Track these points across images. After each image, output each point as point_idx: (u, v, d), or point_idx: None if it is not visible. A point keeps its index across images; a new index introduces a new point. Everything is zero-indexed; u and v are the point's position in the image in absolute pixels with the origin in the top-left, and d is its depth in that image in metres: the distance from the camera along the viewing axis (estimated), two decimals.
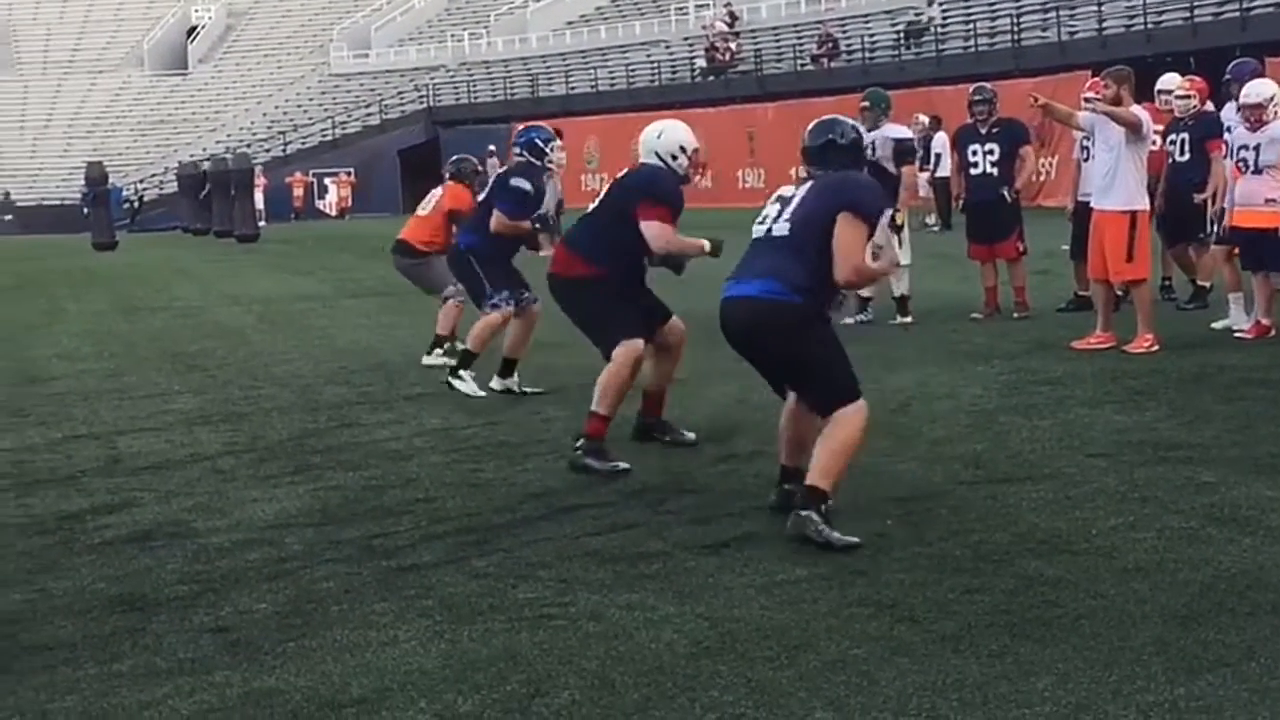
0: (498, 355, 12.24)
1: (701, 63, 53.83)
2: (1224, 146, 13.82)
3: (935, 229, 28.78)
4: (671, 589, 6.65)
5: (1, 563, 7.78)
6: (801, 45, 50.91)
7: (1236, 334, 13.14)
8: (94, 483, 9.66)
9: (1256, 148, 12.80)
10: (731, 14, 55.66)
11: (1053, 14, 41.90)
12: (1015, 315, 15.12)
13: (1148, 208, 12.83)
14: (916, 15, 47.16)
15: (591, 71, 58.83)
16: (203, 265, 32.74)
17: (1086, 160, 15.27)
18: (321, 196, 62.54)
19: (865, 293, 15.51)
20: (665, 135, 9.65)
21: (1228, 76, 14.20)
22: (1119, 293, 15.48)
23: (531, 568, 7.11)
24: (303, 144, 64.44)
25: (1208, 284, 15.08)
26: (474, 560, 7.30)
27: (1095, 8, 40.37)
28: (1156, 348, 12.36)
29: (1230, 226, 13.21)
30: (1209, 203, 14.51)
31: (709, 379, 12.36)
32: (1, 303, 24.84)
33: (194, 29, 79.35)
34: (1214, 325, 13.66)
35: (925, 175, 30.25)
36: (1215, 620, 5.85)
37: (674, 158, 9.55)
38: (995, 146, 15.44)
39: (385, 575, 7.14)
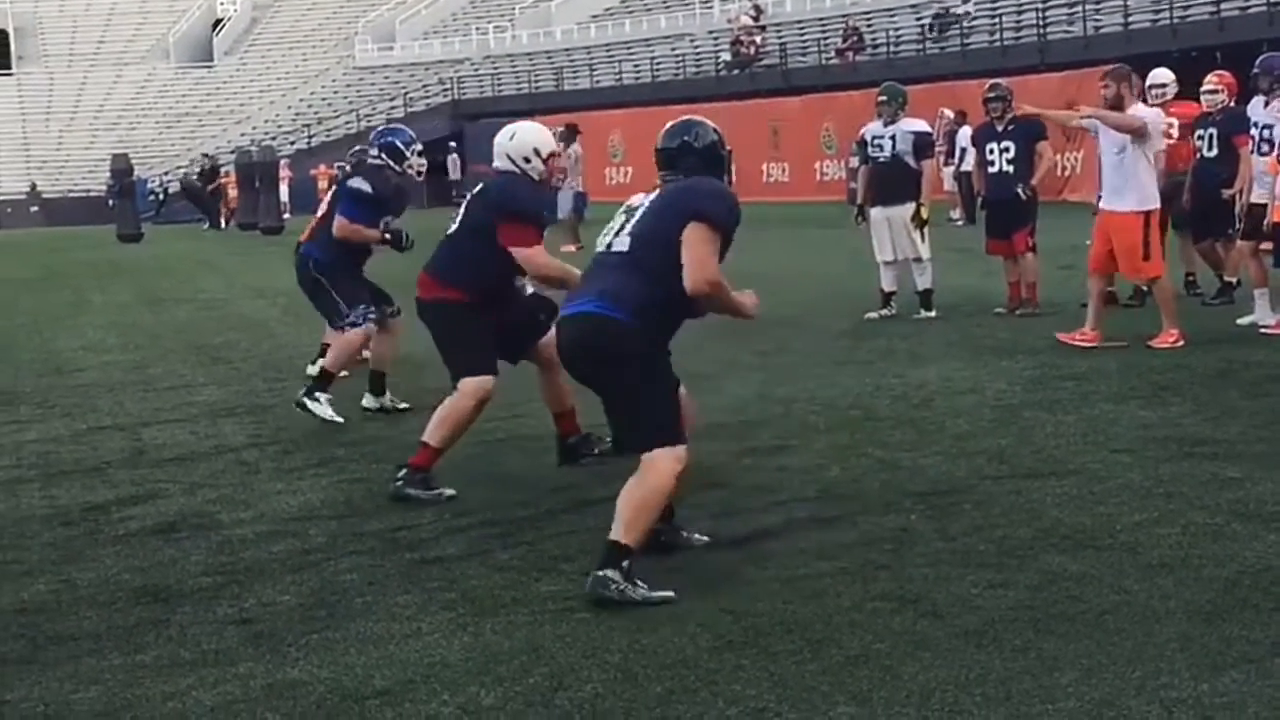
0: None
1: (726, 56, 53.78)
2: (1251, 141, 13.76)
3: (959, 223, 28.72)
4: (694, 583, 6.65)
5: (27, 553, 7.82)
6: (826, 39, 50.83)
7: (1262, 330, 13.10)
8: (119, 474, 9.69)
9: None
10: (756, 7, 55.60)
11: (1078, 8, 41.78)
12: (1019, 313, 15.05)
13: (1159, 206, 12.76)
14: (944, 9, 47.02)
15: (616, 65, 58.80)
16: (227, 257, 32.81)
17: None
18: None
19: (888, 287, 15.50)
20: (517, 138, 8.91)
21: (1256, 71, 14.14)
22: (1143, 289, 15.47)
23: (554, 561, 7.11)
24: (327, 137, 64.50)
25: (1234, 279, 15.02)
26: (497, 553, 7.31)
27: (1121, 3, 40.25)
28: (1182, 343, 12.32)
29: (1272, 222, 13.12)
30: (1236, 198, 14.46)
31: (729, 373, 12.36)
32: (28, 294, 24.93)
33: (219, 21, 79.55)
34: (1239, 321, 13.61)
35: (950, 169, 30.22)
36: (1239, 616, 5.83)
37: (527, 161, 8.82)
38: (1011, 144, 15.39)
39: (408, 568, 7.16)
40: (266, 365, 14.48)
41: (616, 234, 6.99)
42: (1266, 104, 13.59)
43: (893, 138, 15.32)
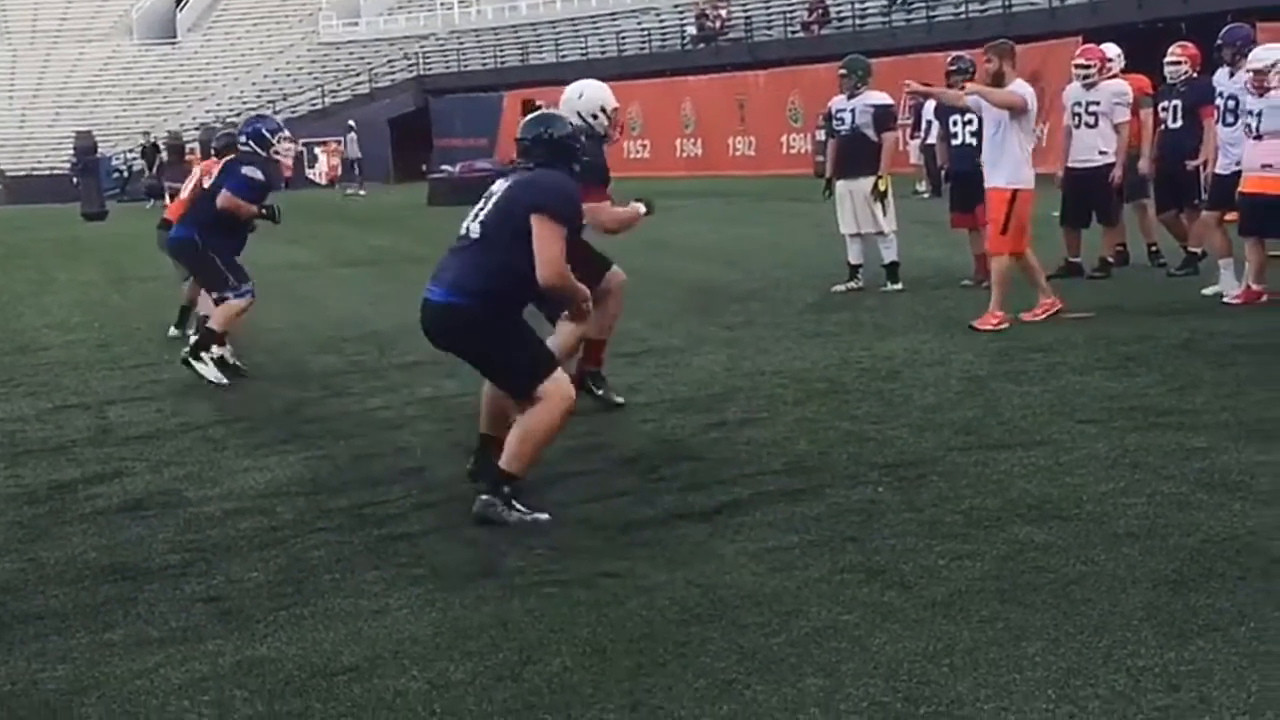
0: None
1: (692, 30, 53.70)
2: (1216, 112, 13.79)
3: (925, 195, 28.75)
4: (663, 556, 6.66)
5: None
6: (792, 12, 50.76)
7: (1226, 300, 13.14)
8: (85, 452, 9.66)
9: (1259, 114, 12.78)
10: None
11: None
12: (985, 285, 15.03)
13: (1031, 186, 12.69)
14: None
15: (582, 39, 58.66)
16: None
17: (1078, 127, 15.28)
18: (312, 165, 62.36)
19: (853, 259, 15.51)
20: (586, 95, 9.64)
21: (1219, 42, 14.17)
22: (1109, 260, 15.51)
23: (523, 536, 7.11)
24: (292, 113, 64.19)
25: (1198, 250, 15.07)
26: (465, 528, 7.30)
27: None
28: (1006, 325, 12.25)
29: (1240, 192, 13.15)
30: (1201, 169, 14.50)
31: (697, 347, 12.38)
32: None
33: None
34: (1204, 291, 13.66)
35: (916, 142, 30.24)
36: (1205, 585, 5.86)
37: (595, 117, 9.53)
38: (974, 116, 15.39)
39: (377, 544, 7.15)
40: (233, 342, 14.41)
41: (473, 219, 7.48)
42: (1232, 74, 13.62)
43: (853, 111, 15.35)
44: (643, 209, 9.59)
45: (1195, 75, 14.94)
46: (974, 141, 15.31)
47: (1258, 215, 12.90)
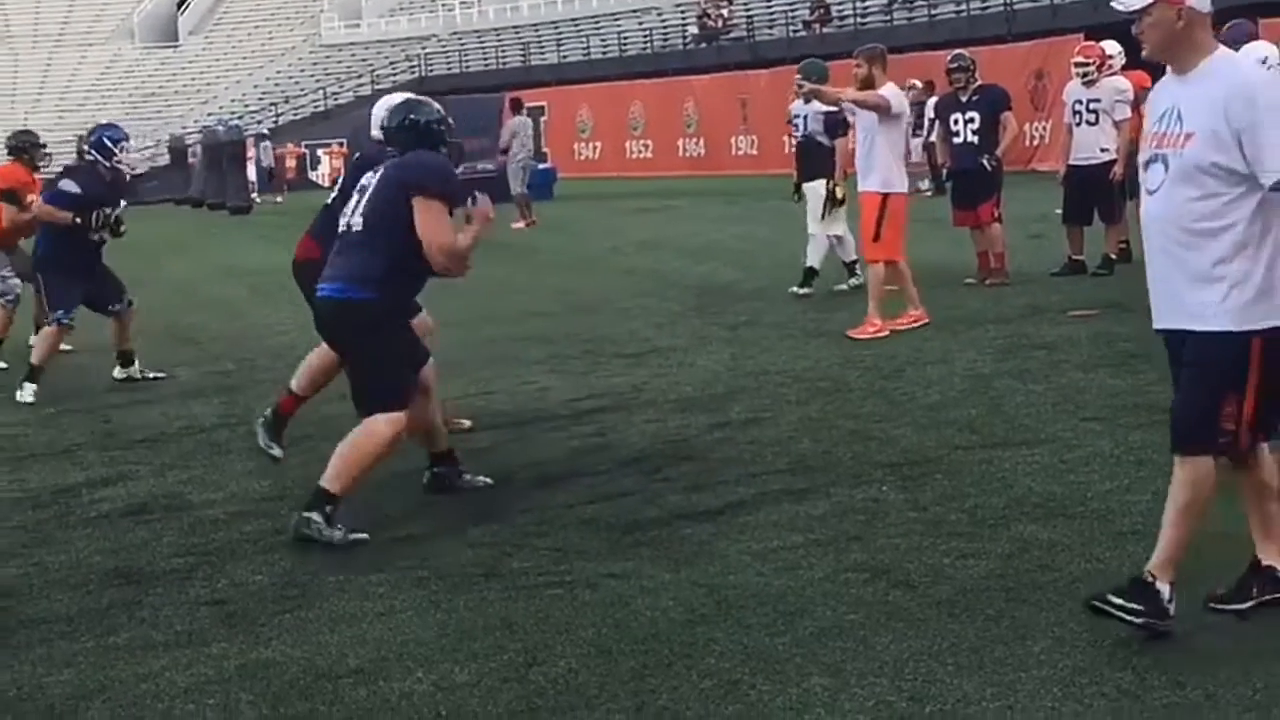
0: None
1: (693, 29, 53.68)
2: None
3: (928, 194, 28.74)
4: (667, 556, 6.66)
5: None
6: (793, 11, 50.74)
7: None
8: (89, 456, 9.66)
9: None
10: None
11: None
12: (989, 283, 15.03)
13: (904, 190, 12.62)
14: None
15: (583, 39, 58.63)
16: (195, 238, 32.69)
17: (1079, 125, 15.27)
18: (314, 167, 62.37)
19: (847, 258, 15.50)
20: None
21: (1222, 38, 14.13)
22: (1111, 256, 15.49)
23: (527, 537, 7.11)
24: (295, 115, 64.24)
25: None
26: (469, 530, 7.31)
27: None
28: (885, 333, 12.19)
29: None
30: None
31: (700, 346, 12.38)
32: None
33: (184, 1, 79.08)
34: None
35: (918, 140, 30.23)
36: (1210, 582, 5.84)
37: None
38: (975, 115, 15.38)
39: (380, 546, 7.15)
40: (235, 345, 14.43)
41: (352, 213, 7.54)
42: None
43: (805, 117, 15.41)
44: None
45: None
46: (975, 140, 15.33)
47: None
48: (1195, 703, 4.79)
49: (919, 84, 31.73)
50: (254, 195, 44.83)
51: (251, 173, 46.91)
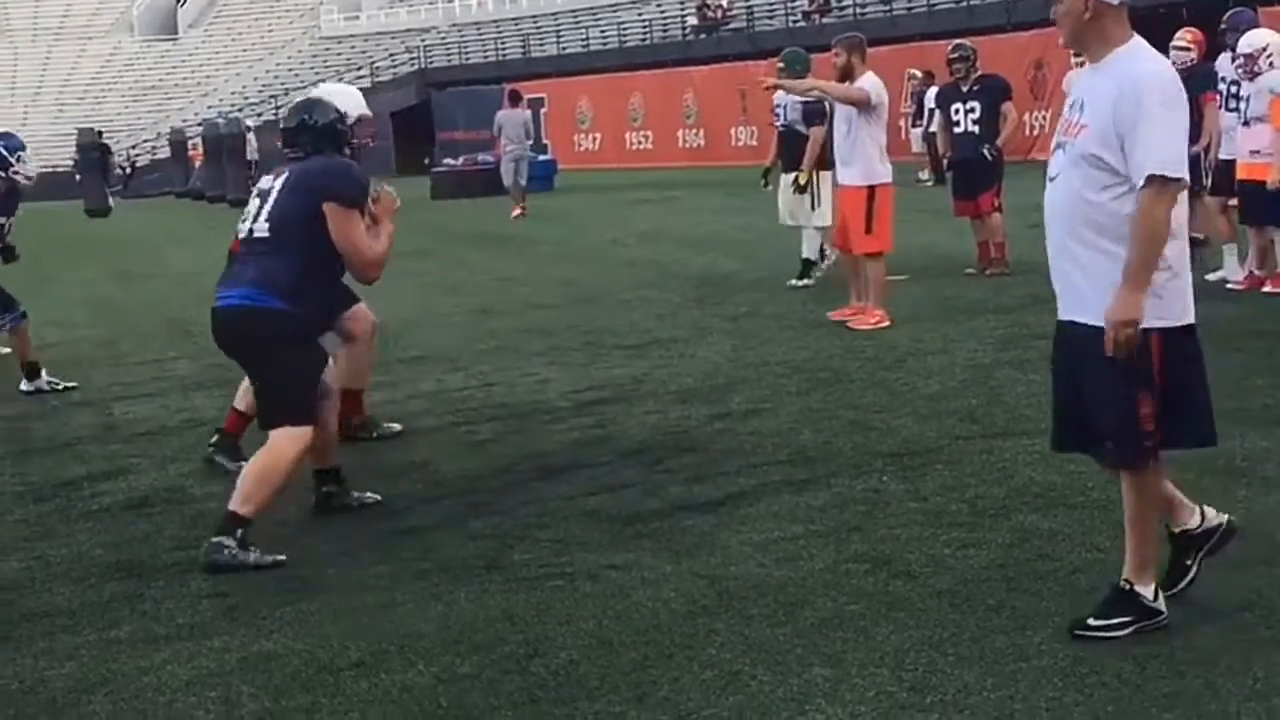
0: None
1: (693, 20, 53.59)
2: (1219, 98, 13.77)
3: (928, 184, 28.74)
4: (668, 548, 6.66)
5: None
6: (793, 1, 50.67)
7: (1230, 285, 13.13)
8: (90, 449, 9.67)
9: (1248, 99, 12.77)
10: None
11: None
12: (989, 273, 15.02)
13: (888, 180, 12.55)
14: None
15: (583, 31, 58.58)
16: (196, 230, 32.67)
17: None
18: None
19: (828, 249, 15.45)
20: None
21: (1223, 26, 14.14)
22: None
23: (528, 529, 7.12)
24: None
25: (1201, 236, 15.04)
26: (470, 522, 7.31)
27: None
28: (887, 324, 12.18)
29: (1239, 179, 13.14)
30: (1202, 154, 14.47)
31: (700, 338, 12.38)
32: None
33: None
34: (1208, 277, 13.64)
35: (918, 130, 30.25)
36: (1210, 571, 5.85)
37: None
38: (976, 104, 15.36)
39: (382, 538, 7.15)
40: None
41: (255, 219, 7.25)
42: (1234, 59, 13.60)
43: (785, 106, 15.34)
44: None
45: (1199, 62, 14.89)
46: (975, 129, 15.32)
47: (1250, 203, 12.89)
48: (1196, 692, 4.80)
49: (919, 74, 31.75)
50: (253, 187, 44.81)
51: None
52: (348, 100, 8.81)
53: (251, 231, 7.26)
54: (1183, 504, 5.63)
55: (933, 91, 26.68)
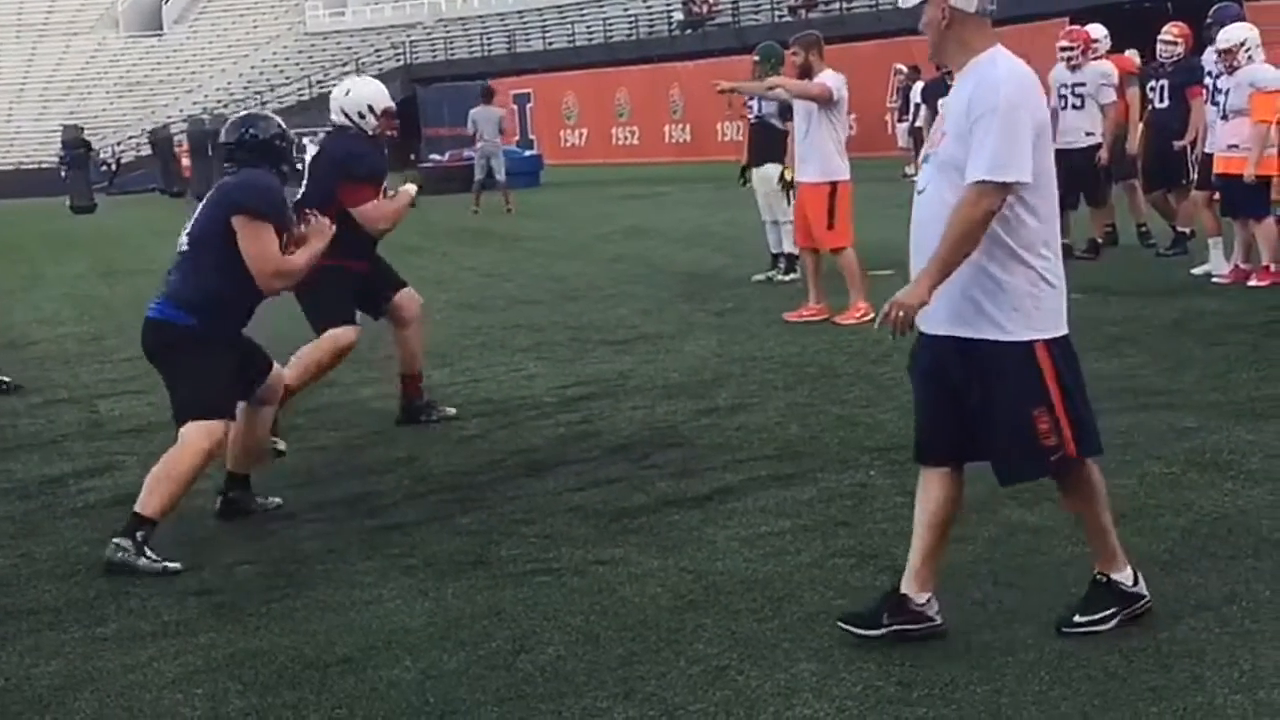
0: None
1: (679, 16, 53.60)
2: (1204, 92, 13.80)
3: (915, 179, 28.78)
4: (655, 543, 6.67)
5: None
6: None
7: (1216, 279, 13.15)
8: (76, 446, 9.65)
9: (1227, 92, 12.80)
10: None
11: None
12: None
13: (847, 177, 12.49)
14: None
15: (569, 26, 58.54)
16: (181, 227, 32.57)
17: (1065, 109, 15.27)
18: (300, 154, 62.19)
19: (774, 248, 15.39)
20: (353, 93, 9.35)
21: (1209, 20, 14.17)
22: (1097, 240, 15.52)
23: (515, 524, 7.11)
24: (280, 104, 64.03)
25: (1187, 230, 15.08)
26: (457, 518, 7.31)
27: None
28: (870, 316, 12.14)
29: (1216, 173, 13.18)
30: (1189, 148, 14.50)
31: (687, 333, 12.38)
32: None
33: None
34: (1194, 271, 13.68)
35: (904, 125, 30.27)
36: (1197, 565, 5.87)
37: (361, 116, 9.22)
38: None
39: (369, 534, 7.15)
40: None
41: (184, 231, 7.38)
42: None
43: (759, 99, 15.27)
44: (413, 189, 9.37)
45: (1186, 56, 14.92)
46: None
47: (1230, 197, 12.92)
48: (1182, 685, 4.81)
49: (905, 69, 31.77)
50: None
51: None
52: (374, 93, 9.32)
53: (179, 244, 7.38)
54: (1117, 552, 5.42)
55: (919, 86, 26.72)
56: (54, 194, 47.57)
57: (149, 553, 6.73)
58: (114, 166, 61.28)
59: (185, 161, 49.05)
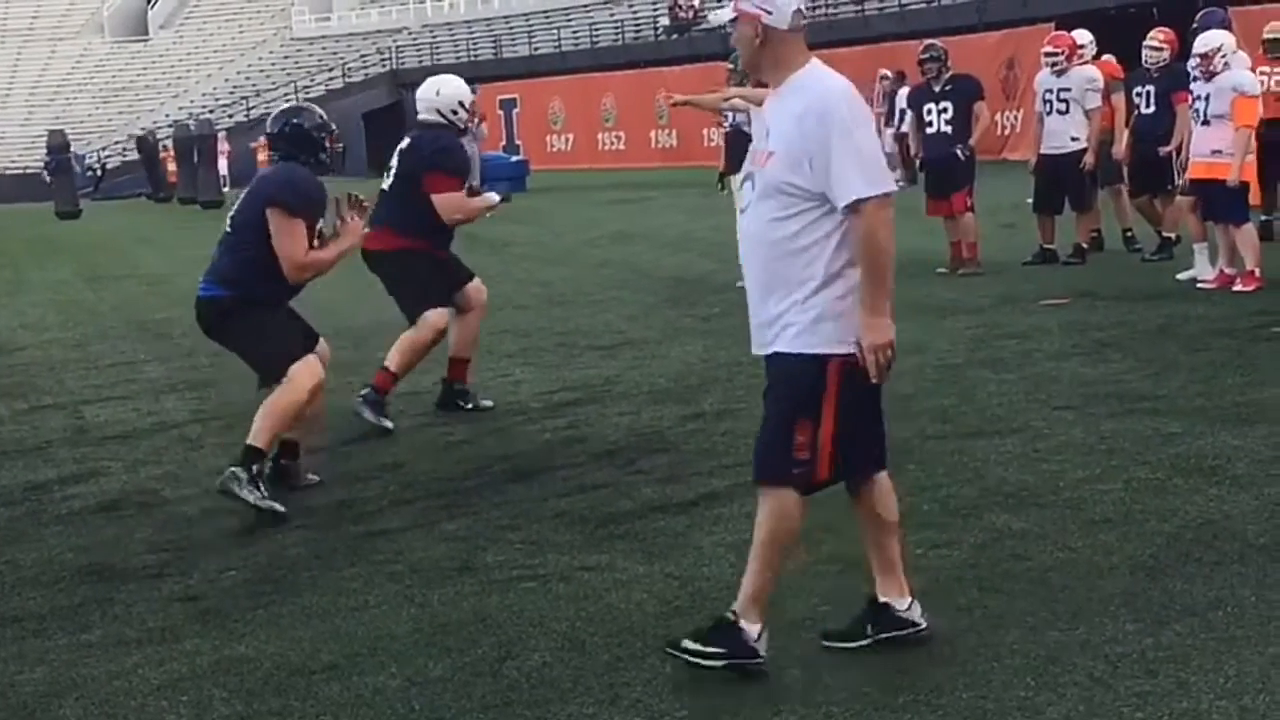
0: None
1: (665, 21, 53.60)
2: (1190, 98, 13.83)
3: (901, 184, 28.79)
4: (641, 549, 6.66)
5: None
6: None
7: (1201, 284, 13.17)
8: (61, 453, 9.63)
9: (1207, 98, 12.83)
10: None
11: None
12: (961, 272, 15.05)
13: None
14: None
15: (555, 32, 58.55)
16: (167, 232, 32.56)
17: (1050, 114, 15.29)
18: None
19: None
20: (443, 91, 9.78)
21: (1195, 26, 14.20)
22: (1083, 245, 15.53)
23: (501, 530, 7.11)
24: (266, 109, 63.90)
25: (1173, 235, 15.10)
26: (443, 524, 7.30)
27: None
28: None
29: (1189, 178, 13.22)
30: (1174, 154, 14.52)
31: (674, 338, 12.38)
32: None
33: None
34: (1179, 276, 13.69)
35: (890, 131, 30.25)
36: (1182, 570, 5.88)
37: (454, 112, 9.72)
38: (949, 104, 15.38)
39: (355, 541, 7.14)
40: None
41: (229, 216, 7.98)
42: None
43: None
44: (495, 198, 10.06)
45: (1171, 62, 14.94)
46: (948, 130, 15.34)
47: (1211, 202, 12.93)
48: (1167, 690, 4.81)
49: (891, 74, 31.77)
50: (225, 189, 44.65)
51: (223, 166, 46.69)
52: (461, 89, 9.84)
53: (224, 228, 7.95)
54: (900, 578, 5.41)
55: (904, 92, 26.72)
56: (39, 199, 47.50)
57: (261, 487, 7.46)
58: (99, 172, 61.21)
59: (171, 166, 48.99)
